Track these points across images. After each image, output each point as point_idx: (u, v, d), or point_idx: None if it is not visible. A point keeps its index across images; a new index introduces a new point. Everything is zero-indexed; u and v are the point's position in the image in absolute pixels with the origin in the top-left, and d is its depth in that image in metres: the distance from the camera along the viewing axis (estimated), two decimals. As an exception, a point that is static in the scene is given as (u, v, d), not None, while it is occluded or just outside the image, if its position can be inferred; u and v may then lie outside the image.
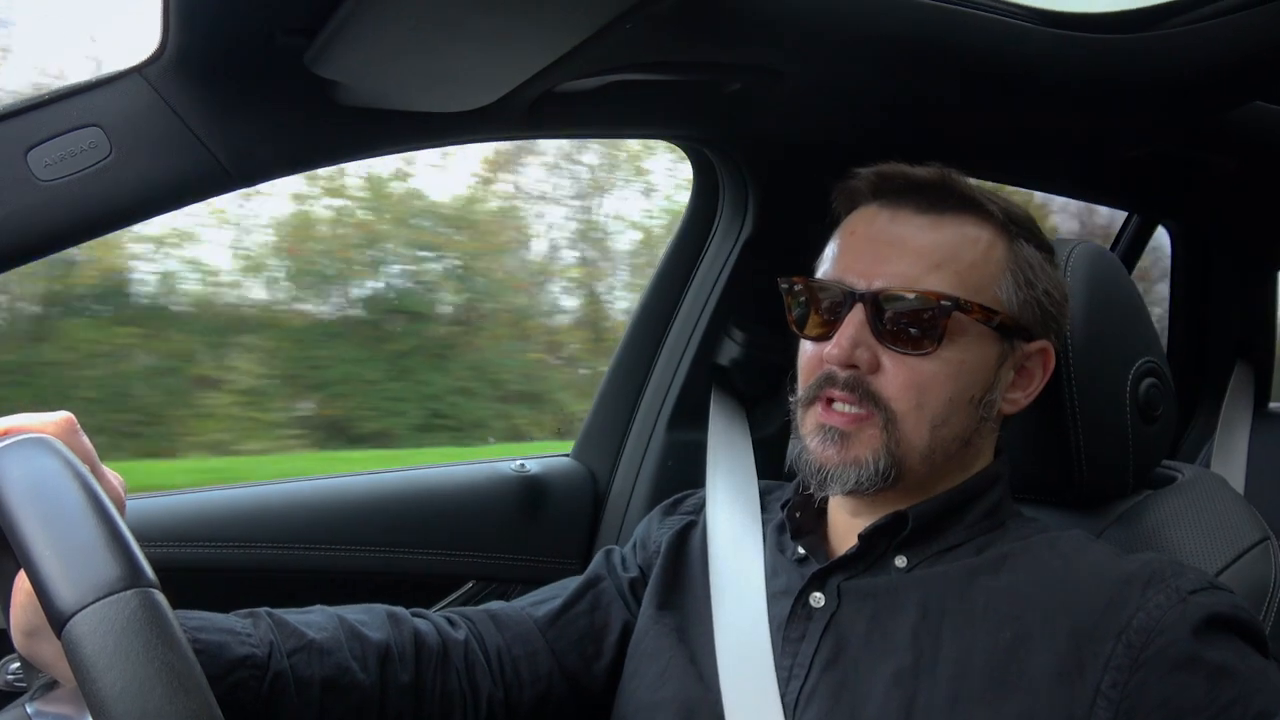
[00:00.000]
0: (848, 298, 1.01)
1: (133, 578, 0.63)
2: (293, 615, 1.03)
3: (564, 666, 1.13)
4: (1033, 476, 1.17)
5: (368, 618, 1.07)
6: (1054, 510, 1.18)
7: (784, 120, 1.46)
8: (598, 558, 1.26)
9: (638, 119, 1.48)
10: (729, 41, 1.24)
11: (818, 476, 1.02)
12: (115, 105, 1.09)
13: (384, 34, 1.03)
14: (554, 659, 1.13)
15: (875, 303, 1.00)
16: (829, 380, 1.02)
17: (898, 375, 1.00)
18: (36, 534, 0.65)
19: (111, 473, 0.81)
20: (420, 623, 1.09)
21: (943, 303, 0.99)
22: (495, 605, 1.19)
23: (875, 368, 1.00)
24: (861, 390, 1.00)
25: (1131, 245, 2.30)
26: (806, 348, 1.07)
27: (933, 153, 1.09)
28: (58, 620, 0.62)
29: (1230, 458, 1.98)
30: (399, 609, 1.11)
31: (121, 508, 0.76)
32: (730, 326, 1.65)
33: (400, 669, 1.04)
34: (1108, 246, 1.90)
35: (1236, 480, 1.94)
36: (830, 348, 1.01)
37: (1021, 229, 1.06)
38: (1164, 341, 2.30)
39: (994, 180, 1.77)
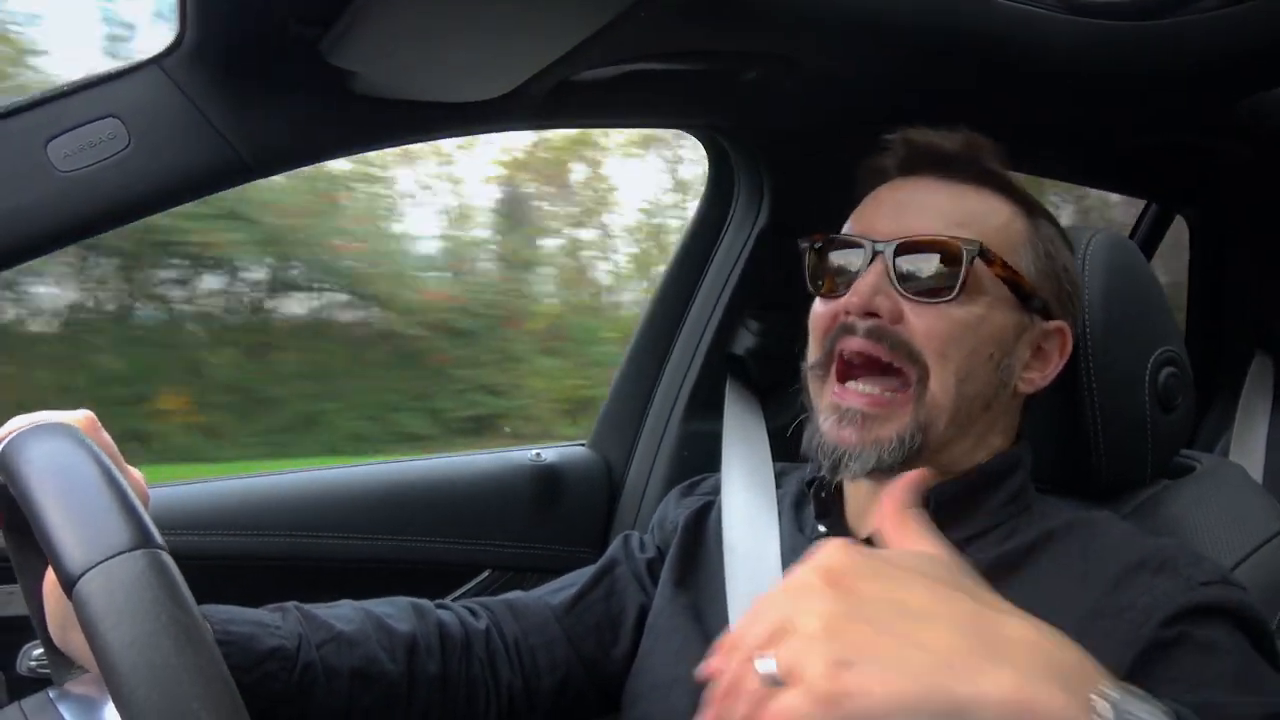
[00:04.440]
0: (869, 250, 1.00)
1: (141, 539, 0.65)
2: (320, 609, 1.04)
3: (581, 653, 1.14)
4: (1051, 466, 1.17)
5: (393, 610, 1.08)
6: (1071, 500, 1.17)
7: (800, 109, 1.46)
8: (615, 543, 1.26)
9: (653, 108, 1.48)
10: (744, 30, 1.24)
11: (832, 457, 0.99)
12: (133, 96, 1.10)
13: (399, 23, 1.03)
14: (570, 647, 1.13)
15: (897, 253, 0.98)
16: (846, 331, 1.00)
17: (921, 324, 0.97)
18: (49, 501, 0.67)
19: (132, 469, 0.83)
20: (444, 614, 1.10)
21: (966, 248, 0.97)
22: (513, 595, 1.19)
23: (898, 317, 0.98)
24: (889, 340, 0.97)
25: (1150, 234, 2.29)
26: (818, 306, 1.05)
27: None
28: (68, 580, 0.63)
29: (1249, 448, 1.96)
30: (422, 601, 1.12)
31: (145, 502, 0.77)
32: (745, 316, 1.65)
33: (427, 659, 1.05)
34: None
35: (1255, 470, 1.93)
36: (849, 296, 0.99)
37: (1041, 210, 1.07)
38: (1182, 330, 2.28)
39: (1011, 169, 1.76)
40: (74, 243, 1.11)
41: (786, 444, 1.51)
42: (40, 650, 1.24)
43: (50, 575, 0.83)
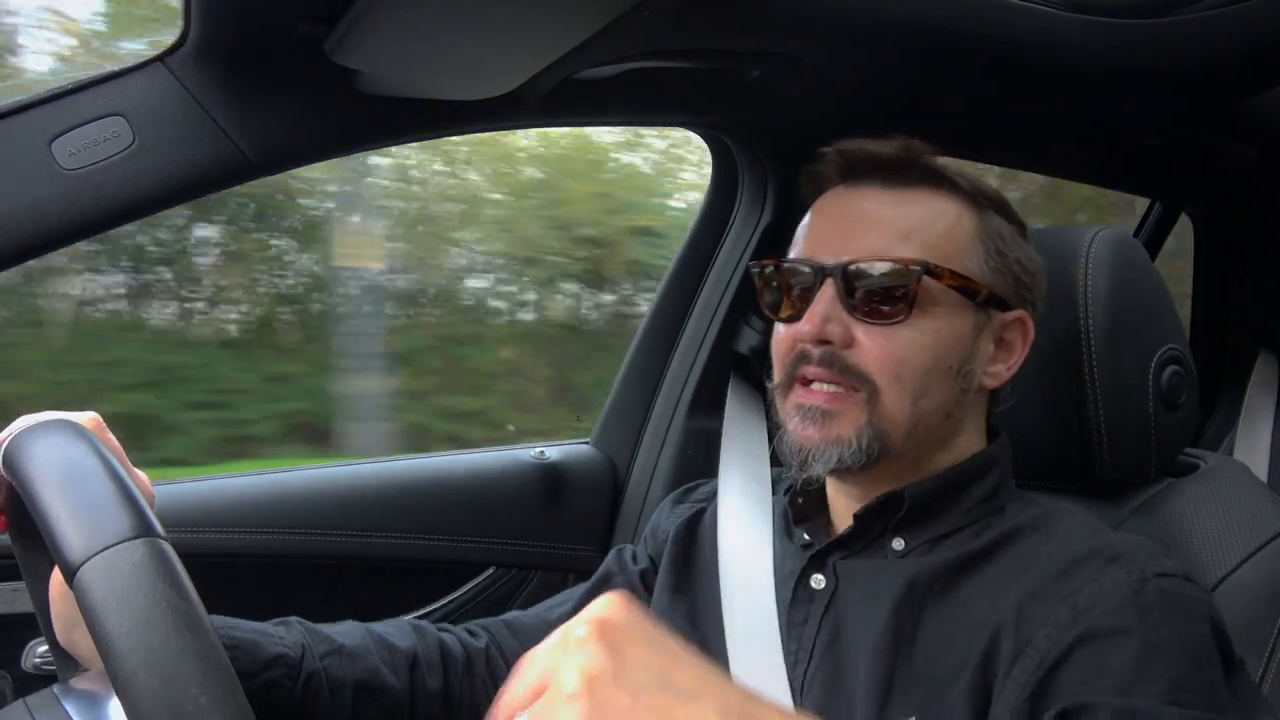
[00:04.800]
0: (818, 274, 1.00)
1: (141, 528, 0.65)
2: (322, 626, 1.07)
3: None
4: (1053, 464, 1.17)
5: (394, 629, 1.10)
6: (1074, 498, 1.17)
7: (804, 108, 1.46)
8: (609, 556, 1.27)
9: (657, 107, 1.48)
10: (748, 29, 1.24)
11: (798, 457, 1.00)
12: (138, 94, 1.10)
13: (403, 22, 1.03)
14: None
15: (845, 276, 0.99)
16: (803, 359, 1.01)
17: (873, 347, 0.98)
18: (50, 492, 0.68)
19: (137, 471, 0.84)
20: (444, 634, 1.13)
21: (912, 268, 0.98)
22: (511, 615, 1.22)
23: (849, 342, 0.99)
24: (839, 365, 0.99)
25: (1154, 232, 2.28)
26: (779, 330, 1.06)
27: (953, 140, 1.09)
28: (69, 569, 0.64)
29: (1253, 446, 1.96)
30: (422, 622, 1.14)
31: (151, 502, 0.78)
32: (749, 314, 1.64)
33: (429, 675, 1.07)
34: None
35: (1260, 469, 1.93)
36: (802, 324, 1.00)
37: (991, 202, 1.05)
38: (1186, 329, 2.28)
39: (1016, 168, 1.76)
40: (78, 241, 1.11)
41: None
42: (45, 648, 1.25)
43: (56, 576, 0.84)
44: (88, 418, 0.83)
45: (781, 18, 1.22)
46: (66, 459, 0.71)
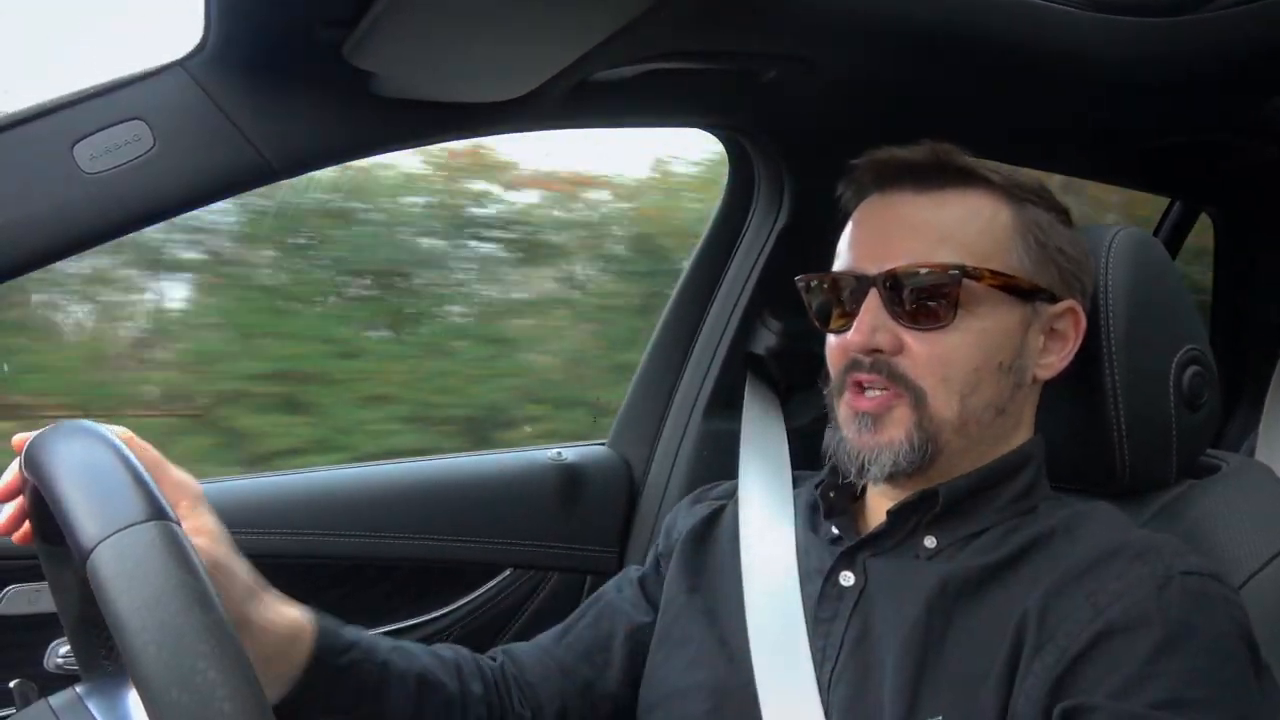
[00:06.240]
0: (862, 283, 1.03)
1: (153, 512, 0.66)
2: None
3: (576, 680, 1.16)
4: (1074, 466, 1.16)
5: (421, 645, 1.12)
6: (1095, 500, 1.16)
7: (820, 109, 1.45)
8: (609, 583, 1.28)
9: (673, 108, 1.48)
10: (763, 30, 1.24)
11: (856, 463, 1.02)
12: (158, 98, 1.11)
13: (421, 25, 1.04)
14: (563, 676, 1.15)
15: (888, 285, 1.01)
16: (855, 366, 1.03)
17: (920, 352, 1.00)
18: (65, 482, 0.69)
19: (181, 471, 0.88)
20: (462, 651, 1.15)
21: (950, 272, 0.99)
22: (512, 645, 1.23)
23: (898, 348, 1.01)
24: (887, 371, 1.01)
25: (1174, 232, 2.27)
26: (831, 340, 1.08)
27: (970, 140, 1.08)
28: (82, 554, 0.64)
29: (1275, 448, 1.94)
30: (439, 645, 1.16)
31: (199, 499, 0.80)
32: (766, 315, 1.64)
33: (471, 680, 1.09)
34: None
35: (1282, 470, 1.91)
36: (851, 335, 1.02)
37: (1027, 193, 1.06)
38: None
39: (1034, 168, 1.75)
40: (100, 244, 1.12)
41: (805, 444, 1.52)
42: (67, 648, 1.26)
43: None
44: (119, 430, 0.84)
45: (796, 19, 1.22)
46: (81, 451, 0.72)
